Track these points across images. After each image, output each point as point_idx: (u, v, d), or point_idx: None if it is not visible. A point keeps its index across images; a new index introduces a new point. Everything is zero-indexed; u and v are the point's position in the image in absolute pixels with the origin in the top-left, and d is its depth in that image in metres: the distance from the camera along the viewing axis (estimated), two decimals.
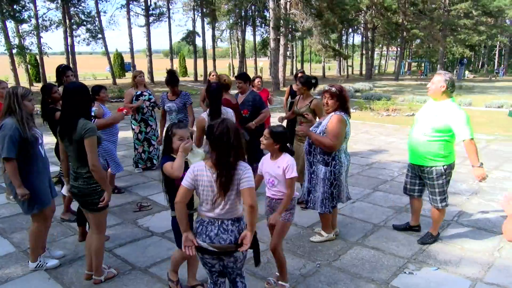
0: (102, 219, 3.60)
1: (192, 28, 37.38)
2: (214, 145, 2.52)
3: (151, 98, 7.04)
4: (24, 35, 28.15)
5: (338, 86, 4.20)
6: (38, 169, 3.70)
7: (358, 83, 26.57)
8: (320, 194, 4.22)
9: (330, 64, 56.47)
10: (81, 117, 3.30)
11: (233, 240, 2.56)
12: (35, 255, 3.90)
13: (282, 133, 3.36)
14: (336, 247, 4.32)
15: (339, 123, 4.02)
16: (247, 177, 2.51)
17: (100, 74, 42.50)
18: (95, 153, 3.31)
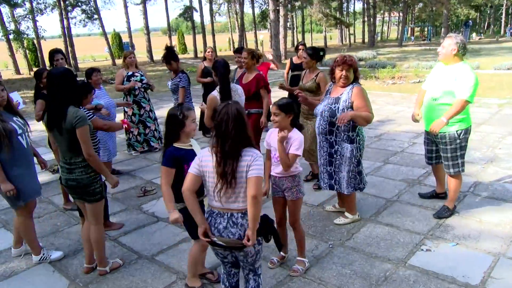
0: (100, 209, 3.45)
1: (189, 3, 36.54)
2: (215, 130, 2.35)
3: (143, 79, 6.81)
4: (20, 20, 27.68)
5: (352, 56, 3.94)
6: (21, 161, 3.48)
7: (361, 52, 25.98)
8: (345, 174, 4.00)
9: (331, 34, 55.29)
10: (70, 105, 3.10)
11: (242, 235, 2.37)
12: (35, 248, 3.78)
13: (290, 104, 3.21)
14: (349, 226, 4.15)
15: (365, 94, 3.84)
16: (256, 165, 2.31)
17: (99, 56, 41.93)
18: (88, 142, 3.16)
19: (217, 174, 2.31)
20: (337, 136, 3.95)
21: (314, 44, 41.43)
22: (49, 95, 3.19)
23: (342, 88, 3.92)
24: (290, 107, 3.18)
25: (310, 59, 5.07)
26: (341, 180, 4.05)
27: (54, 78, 3.12)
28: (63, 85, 3.11)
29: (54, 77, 3.13)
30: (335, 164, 4.05)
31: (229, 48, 45.24)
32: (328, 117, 3.90)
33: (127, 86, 6.63)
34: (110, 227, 4.39)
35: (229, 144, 2.28)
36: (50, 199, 5.37)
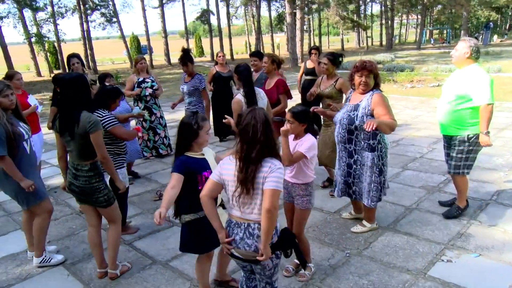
0: (113, 212, 3.46)
1: (206, 6, 36.77)
2: (240, 136, 2.27)
3: (154, 85, 6.67)
4: (41, 23, 28.32)
5: (373, 62, 3.83)
6: (25, 167, 3.47)
7: (379, 55, 25.72)
8: (366, 184, 3.85)
9: (348, 36, 54.91)
10: (83, 110, 3.11)
11: (259, 247, 2.30)
12: (39, 250, 3.79)
13: (305, 111, 3.15)
14: (366, 234, 4.05)
15: (386, 101, 3.68)
16: (275, 177, 2.20)
17: (117, 59, 42.53)
18: (103, 145, 3.19)
19: (237, 180, 2.25)
20: (357, 144, 3.81)
21: (331, 47, 41.31)
22: (61, 100, 3.19)
23: (361, 95, 3.78)
24: (305, 116, 3.12)
25: (331, 65, 4.97)
26: (362, 191, 3.91)
27: (65, 83, 3.13)
28: (74, 91, 3.11)
29: (66, 83, 3.13)
30: (354, 175, 3.92)
31: (245, 51, 45.34)
32: (347, 125, 3.78)
33: (134, 93, 6.52)
34: (125, 231, 4.38)
35: (257, 150, 2.21)
36: (67, 201, 5.41)
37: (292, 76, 18.17)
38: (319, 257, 3.68)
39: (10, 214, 5.15)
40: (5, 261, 4.00)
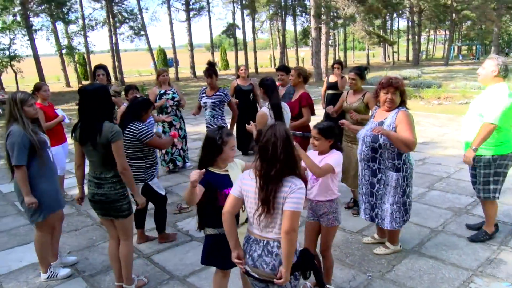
0: (129, 225, 3.44)
1: (232, 20, 37.24)
2: (259, 153, 2.21)
3: (175, 97, 6.78)
4: (72, 36, 29.25)
5: (399, 78, 3.73)
6: (46, 174, 3.55)
7: (405, 70, 25.38)
8: (389, 206, 3.72)
9: (374, 51, 54.52)
10: (105, 120, 3.14)
11: (276, 265, 2.23)
12: (44, 265, 3.79)
13: (331, 128, 3.12)
14: (390, 256, 3.91)
15: (409, 119, 3.57)
16: (294, 198, 2.13)
17: (144, 71, 43.38)
18: (123, 156, 3.20)
19: (258, 198, 2.19)
20: (381, 163, 3.69)
21: (356, 62, 41.04)
22: (84, 111, 3.19)
23: (387, 112, 3.69)
24: (331, 132, 3.07)
25: (359, 80, 4.91)
26: (384, 213, 3.77)
27: (87, 94, 3.16)
28: (96, 101, 3.14)
29: (88, 93, 3.16)
30: (377, 196, 3.79)
31: (270, 65, 45.57)
32: (371, 143, 3.67)
33: (158, 104, 6.63)
34: (166, 238, 4.49)
35: (276, 169, 2.14)
36: (88, 212, 5.45)
37: (316, 91, 18.10)
38: (340, 279, 3.57)
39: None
40: (26, 271, 4.04)
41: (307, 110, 5.05)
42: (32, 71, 24.30)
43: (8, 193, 6.54)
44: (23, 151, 3.34)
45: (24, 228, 5.08)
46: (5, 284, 3.80)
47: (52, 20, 26.78)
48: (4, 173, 7.70)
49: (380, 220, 3.82)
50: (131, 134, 4.00)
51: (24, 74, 26.08)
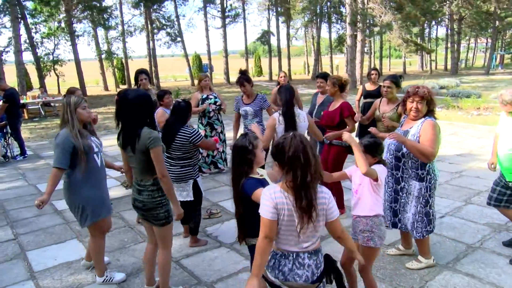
0: (168, 233, 3.39)
1: (267, 27, 37.43)
2: (289, 165, 2.14)
3: (217, 101, 6.96)
4: (112, 41, 30.25)
5: (426, 87, 3.64)
6: (91, 180, 3.55)
7: (443, 79, 24.67)
8: (411, 215, 3.67)
9: (411, 59, 53.30)
10: (145, 126, 3.14)
11: (310, 276, 2.21)
12: (100, 270, 3.82)
13: (377, 144, 3.02)
14: (423, 271, 3.78)
15: (435, 129, 3.47)
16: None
17: (180, 76, 44.23)
18: (162, 162, 3.14)
19: (299, 210, 2.13)
20: (404, 172, 3.65)
21: (392, 70, 40.29)
22: (124, 116, 3.21)
23: (413, 121, 3.63)
24: (378, 149, 2.99)
25: (395, 88, 4.82)
26: (406, 221, 3.73)
27: (129, 100, 3.18)
28: (138, 107, 3.14)
29: (130, 99, 3.18)
30: (400, 202, 3.74)
31: (303, 72, 45.43)
32: (394, 151, 3.63)
33: (200, 109, 6.83)
34: (197, 242, 4.56)
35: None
36: (121, 214, 5.57)
37: (350, 99, 17.87)
38: None
39: (68, 222, 5.39)
40: (61, 268, 4.16)
41: (351, 120, 4.91)
42: (73, 75, 25.24)
43: None
44: (64, 154, 3.36)
45: (60, 227, 5.24)
46: (40, 281, 3.93)
47: (93, 26, 27.82)
48: (43, 173, 8.02)
49: (403, 225, 3.77)
50: (185, 138, 4.12)
51: (65, 78, 27.18)
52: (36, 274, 4.07)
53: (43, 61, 24.86)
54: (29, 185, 7.26)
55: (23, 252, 4.57)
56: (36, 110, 17.35)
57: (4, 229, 5.28)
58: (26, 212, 5.89)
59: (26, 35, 22.54)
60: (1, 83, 9.55)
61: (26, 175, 7.99)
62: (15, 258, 4.44)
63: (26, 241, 4.87)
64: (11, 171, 8.38)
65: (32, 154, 9.90)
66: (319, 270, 2.26)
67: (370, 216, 3.00)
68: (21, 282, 3.94)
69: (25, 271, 4.14)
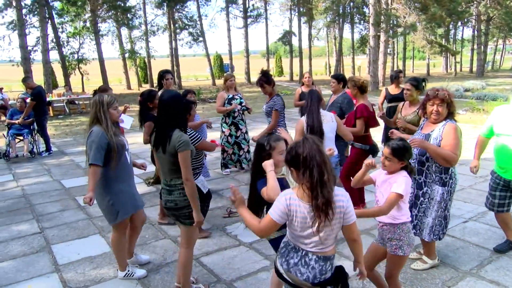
0: (193, 234, 3.41)
1: (288, 28, 37.36)
2: (305, 165, 2.15)
3: (242, 102, 7.02)
4: (135, 40, 30.68)
5: (446, 90, 3.57)
6: (122, 177, 3.64)
7: (468, 81, 24.15)
8: (431, 219, 3.63)
9: (435, 61, 52.32)
10: (176, 128, 3.18)
11: (311, 278, 2.22)
12: (122, 264, 3.89)
13: (406, 148, 2.86)
14: (445, 276, 3.72)
15: (456, 133, 3.44)
16: (352, 209, 2.24)
17: (201, 76, 44.55)
18: (188, 167, 3.15)
19: (315, 208, 2.13)
20: (427, 176, 3.59)
21: (416, 72, 39.66)
22: (159, 116, 3.26)
23: (434, 124, 3.59)
24: (406, 153, 2.86)
25: (415, 91, 4.78)
26: (424, 226, 3.67)
27: (163, 100, 3.23)
28: (173, 109, 3.18)
29: (163, 100, 3.23)
30: (420, 208, 3.68)
31: (325, 73, 45.15)
32: (417, 155, 3.59)
33: (229, 108, 6.89)
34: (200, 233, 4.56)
35: (328, 173, 2.13)
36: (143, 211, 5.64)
37: (372, 100, 17.68)
38: None
39: (91, 218, 5.51)
40: (84, 263, 4.26)
41: (360, 122, 4.92)
42: (96, 73, 25.72)
43: (70, 188, 6.95)
44: (100, 151, 3.42)
45: (83, 223, 5.36)
46: (64, 274, 4.03)
47: (117, 25, 28.31)
48: (67, 169, 8.21)
49: (418, 231, 3.72)
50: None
51: (90, 76, 27.73)
52: (61, 267, 4.17)
53: (68, 60, 25.40)
54: (54, 181, 7.44)
55: (48, 246, 4.69)
56: (61, 108, 17.77)
57: (31, 222, 5.43)
58: (51, 206, 6.04)
59: (53, 35, 23.09)
60: (29, 81, 9.82)
61: (51, 170, 8.19)
62: (41, 251, 4.56)
63: (51, 235, 5.00)
64: (37, 166, 8.61)
65: (56, 151, 10.15)
66: (323, 277, 2.24)
67: (397, 224, 2.91)
68: (47, 274, 4.05)
69: (50, 264, 4.26)
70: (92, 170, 3.43)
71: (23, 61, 18.34)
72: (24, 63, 18.26)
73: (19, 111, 9.43)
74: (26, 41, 18.80)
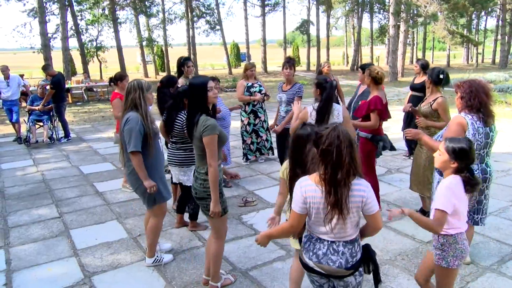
0: (221, 224, 3.34)
1: (306, 17, 36.91)
2: (322, 157, 2.14)
3: (262, 90, 6.98)
4: (153, 29, 30.74)
5: (467, 81, 3.45)
6: (157, 164, 3.69)
7: (490, 73, 23.57)
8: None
9: (455, 52, 51.08)
10: (203, 113, 3.14)
11: (343, 263, 2.21)
12: (153, 251, 3.90)
13: (464, 151, 2.50)
14: (464, 271, 3.65)
15: (454, 126, 3.33)
16: (373, 200, 2.20)
17: (217, 64, 44.48)
18: (214, 151, 3.09)
19: (329, 204, 2.14)
20: None
21: (435, 63, 38.84)
22: (189, 103, 3.26)
23: None
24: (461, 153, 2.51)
25: (427, 79, 4.70)
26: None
27: (190, 85, 3.23)
28: (203, 95, 3.15)
29: (191, 85, 3.23)
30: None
31: (342, 63, 44.62)
32: None
33: (253, 98, 6.88)
34: (196, 227, 4.70)
35: (342, 173, 2.09)
36: None
37: (390, 91, 17.44)
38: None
39: (109, 204, 5.57)
40: (101, 248, 4.32)
41: (375, 116, 4.71)
42: (114, 61, 25.92)
43: (88, 174, 7.04)
44: (139, 138, 3.45)
45: (100, 208, 5.43)
46: (82, 258, 4.10)
47: (135, 13, 28.35)
48: (86, 155, 8.32)
49: None
50: (178, 124, 4.26)
51: (107, 64, 27.95)
52: (79, 252, 4.24)
53: (87, 48, 25.63)
54: (72, 167, 7.55)
55: (67, 230, 4.77)
56: (80, 95, 17.99)
57: (50, 207, 5.53)
58: (69, 192, 6.13)
59: (72, 22, 23.28)
60: (50, 69, 9.95)
61: (70, 157, 8.31)
62: (60, 235, 4.64)
63: (70, 220, 5.08)
64: (56, 152, 8.75)
65: (75, 137, 10.28)
66: (355, 259, 2.25)
67: (443, 235, 2.62)
68: (65, 258, 4.12)
69: (68, 248, 4.33)
70: (137, 158, 3.48)
71: (43, 48, 18.55)
72: (44, 50, 18.47)
73: (40, 98, 9.58)
74: (46, 29, 18.98)
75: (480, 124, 3.36)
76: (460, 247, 2.61)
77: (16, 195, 6.06)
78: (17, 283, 3.72)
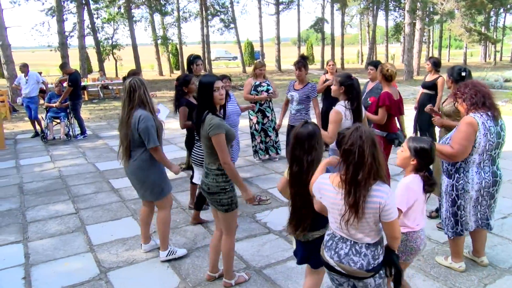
0: (231, 220, 3.36)
1: (321, 15, 36.70)
2: (344, 157, 2.13)
3: (269, 89, 6.94)
4: (167, 27, 30.93)
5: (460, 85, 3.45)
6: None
7: (508, 71, 23.09)
8: (444, 211, 3.57)
9: (472, 50, 50.17)
10: (210, 112, 3.16)
11: (365, 265, 2.20)
12: (166, 243, 3.95)
13: (424, 150, 2.63)
14: (481, 273, 3.60)
15: (464, 126, 3.24)
16: (392, 207, 2.15)
17: (231, 63, 44.60)
18: (224, 150, 3.10)
19: (347, 204, 2.13)
20: (443, 165, 3.56)
21: (452, 61, 38.30)
22: (198, 101, 3.31)
23: None
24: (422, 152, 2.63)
25: (448, 79, 4.61)
26: (442, 216, 3.61)
27: (199, 83, 3.24)
28: (207, 94, 3.16)
29: (199, 83, 3.25)
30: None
31: (357, 61, 44.27)
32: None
33: (258, 97, 6.85)
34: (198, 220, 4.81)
35: (363, 173, 2.07)
36: (173, 195, 5.71)
37: (406, 90, 17.26)
38: None
39: (124, 200, 5.64)
40: (117, 244, 4.37)
41: (382, 110, 4.73)
42: (129, 59, 26.11)
43: (104, 170, 7.12)
44: (155, 133, 3.62)
45: (116, 205, 5.49)
46: (98, 254, 4.15)
47: (150, 11, 28.55)
48: (101, 152, 8.42)
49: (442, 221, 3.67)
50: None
51: (123, 62, 28.19)
52: (95, 247, 4.30)
53: (102, 46, 25.90)
54: (88, 163, 7.65)
55: (83, 226, 4.84)
56: (95, 93, 18.20)
57: (67, 203, 5.62)
58: (85, 188, 6.22)
59: (89, 21, 23.56)
60: (67, 68, 10.12)
61: (86, 153, 8.42)
62: (76, 231, 4.71)
63: (86, 216, 5.15)
64: (72, 149, 8.87)
65: (91, 134, 10.41)
66: (376, 262, 2.23)
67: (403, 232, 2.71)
68: (82, 254, 4.18)
69: (85, 244, 4.39)
70: (158, 152, 3.67)
71: (60, 46, 18.81)
72: (61, 48, 18.73)
73: (57, 95, 9.73)
74: (63, 27, 19.25)
75: (491, 123, 3.27)
76: (411, 245, 2.75)
77: (34, 191, 6.17)
78: (35, 277, 3.79)
